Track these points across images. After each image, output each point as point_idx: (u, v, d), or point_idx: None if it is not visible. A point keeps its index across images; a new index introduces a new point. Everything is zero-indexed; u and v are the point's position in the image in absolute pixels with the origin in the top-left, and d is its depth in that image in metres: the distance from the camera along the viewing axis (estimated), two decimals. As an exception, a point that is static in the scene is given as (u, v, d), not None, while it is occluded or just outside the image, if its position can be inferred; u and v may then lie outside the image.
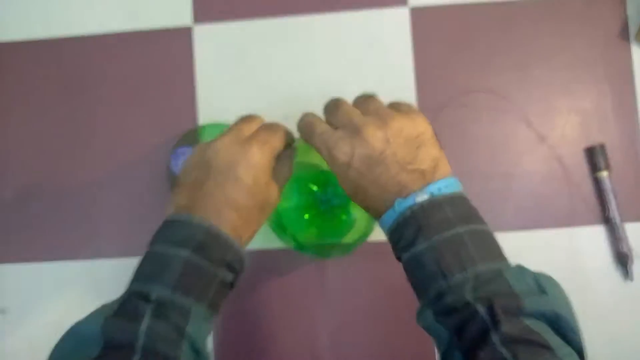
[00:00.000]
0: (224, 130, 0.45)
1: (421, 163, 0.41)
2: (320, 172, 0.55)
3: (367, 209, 0.43)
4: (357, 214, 0.54)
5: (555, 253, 0.60)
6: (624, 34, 0.61)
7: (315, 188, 0.56)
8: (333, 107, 0.45)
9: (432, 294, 0.38)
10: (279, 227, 0.54)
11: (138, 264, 0.41)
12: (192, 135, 0.60)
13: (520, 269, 0.39)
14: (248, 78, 0.62)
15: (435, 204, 0.39)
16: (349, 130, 0.42)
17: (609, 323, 0.59)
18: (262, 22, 0.62)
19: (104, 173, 0.62)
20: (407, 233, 0.39)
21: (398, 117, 0.42)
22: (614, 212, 0.59)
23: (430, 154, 0.42)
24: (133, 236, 0.61)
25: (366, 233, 0.55)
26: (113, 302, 0.40)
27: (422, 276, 0.39)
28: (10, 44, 0.63)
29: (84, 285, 0.61)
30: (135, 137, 0.62)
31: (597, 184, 0.60)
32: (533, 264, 0.59)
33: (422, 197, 0.39)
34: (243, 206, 0.42)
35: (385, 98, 0.61)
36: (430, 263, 0.38)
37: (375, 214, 0.42)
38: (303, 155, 0.50)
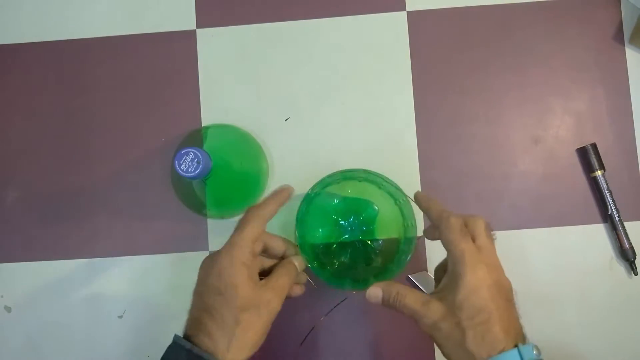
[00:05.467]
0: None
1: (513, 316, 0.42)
2: (339, 201, 0.56)
3: (453, 351, 0.41)
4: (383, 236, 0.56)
5: (554, 252, 0.60)
6: (619, 37, 0.62)
7: (336, 217, 0.57)
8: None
9: None
10: (317, 263, 0.55)
11: None
12: (195, 136, 0.61)
13: None
14: (250, 81, 0.63)
15: None
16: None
17: (609, 322, 0.60)
18: (264, 27, 0.63)
19: (106, 173, 0.63)
20: None
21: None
22: (614, 209, 0.59)
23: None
24: (135, 236, 0.62)
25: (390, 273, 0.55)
26: None
27: None
28: (17, 45, 0.64)
29: (86, 284, 0.62)
30: (139, 138, 0.63)
31: (594, 183, 0.60)
32: (533, 264, 0.60)
33: (530, 352, 0.39)
34: (213, 307, 0.43)
35: (382, 101, 0.62)
36: None
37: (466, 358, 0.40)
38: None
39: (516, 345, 0.39)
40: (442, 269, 0.47)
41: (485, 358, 0.39)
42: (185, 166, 0.49)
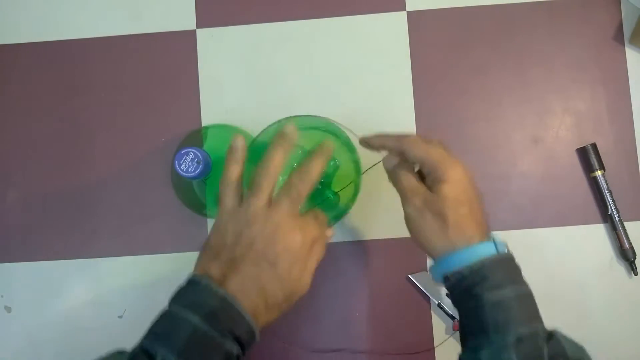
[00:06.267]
0: (278, 192, 0.43)
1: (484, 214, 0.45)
2: (301, 153, 0.53)
3: (434, 237, 0.44)
4: (341, 192, 0.54)
5: (555, 252, 0.60)
6: (619, 37, 0.62)
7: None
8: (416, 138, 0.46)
9: (512, 338, 0.40)
10: None
11: (154, 320, 0.41)
12: (195, 136, 0.61)
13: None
14: (250, 81, 0.63)
15: (510, 257, 0.44)
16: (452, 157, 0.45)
17: (609, 322, 0.60)
18: (264, 27, 0.63)
19: (107, 173, 0.63)
20: (495, 276, 0.42)
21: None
22: (614, 209, 0.59)
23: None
24: (135, 236, 0.62)
25: (346, 210, 0.55)
26: (125, 353, 0.40)
27: (503, 318, 0.41)
28: (17, 45, 0.64)
29: (86, 284, 0.62)
30: (139, 138, 0.63)
31: (594, 183, 0.60)
32: (533, 264, 0.60)
33: (502, 246, 0.43)
34: (271, 295, 0.41)
35: (382, 101, 0.62)
36: (515, 307, 0.41)
37: (445, 246, 0.44)
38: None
39: (491, 239, 0.44)
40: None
41: (463, 246, 0.43)
42: (186, 166, 0.49)
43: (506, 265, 0.43)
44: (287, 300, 0.43)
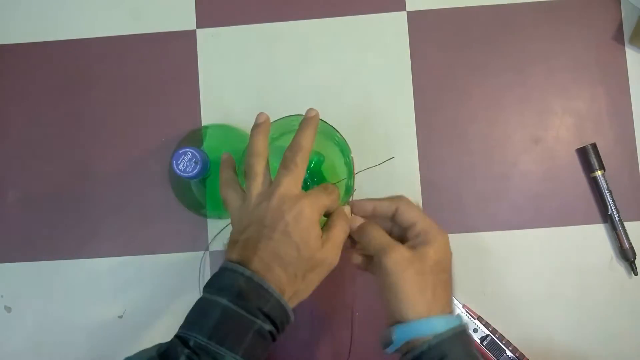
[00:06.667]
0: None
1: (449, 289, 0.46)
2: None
3: (411, 297, 0.43)
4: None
5: (554, 252, 0.60)
6: (619, 37, 0.62)
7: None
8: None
9: None
10: None
11: (190, 309, 0.42)
12: (194, 136, 0.61)
13: None
14: (250, 81, 0.63)
15: (463, 331, 0.43)
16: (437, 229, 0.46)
17: (609, 322, 0.60)
18: (264, 27, 0.63)
19: (106, 173, 0.63)
20: (453, 351, 0.41)
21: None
22: (614, 209, 0.59)
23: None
24: (135, 236, 0.62)
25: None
26: (163, 344, 0.41)
27: None
28: (17, 45, 0.64)
29: (86, 284, 0.62)
30: (139, 138, 0.63)
31: (594, 183, 0.60)
32: (533, 264, 0.60)
33: (461, 320, 0.43)
34: (289, 262, 0.42)
35: (382, 100, 0.62)
36: None
37: (420, 310, 0.43)
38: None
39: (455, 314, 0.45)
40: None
41: (438, 314, 0.43)
42: (183, 166, 0.49)
43: (463, 339, 0.43)
44: (311, 270, 0.43)
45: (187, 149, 0.49)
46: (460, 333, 0.43)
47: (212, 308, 0.40)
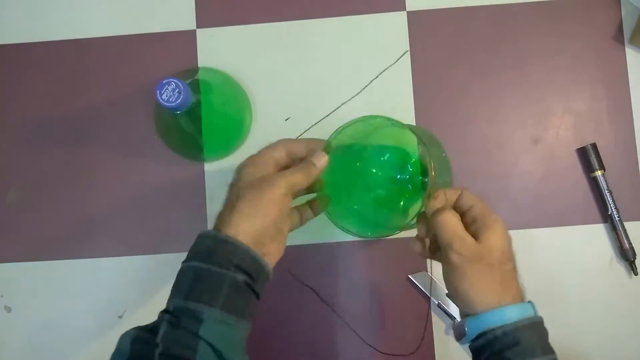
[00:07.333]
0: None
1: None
2: (361, 148, 0.52)
3: (481, 290, 0.43)
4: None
5: (555, 252, 0.60)
6: (619, 37, 0.62)
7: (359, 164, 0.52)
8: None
9: None
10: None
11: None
12: (188, 74, 0.60)
13: None
14: (250, 81, 0.63)
15: (540, 323, 0.43)
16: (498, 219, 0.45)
17: (609, 322, 0.60)
18: (264, 27, 0.63)
19: (106, 174, 0.63)
20: (527, 340, 0.41)
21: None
22: (614, 209, 0.59)
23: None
24: (135, 236, 0.62)
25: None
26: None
27: None
28: (17, 45, 0.64)
29: (86, 284, 0.62)
30: (139, 137, 0.63)
31: (594, 183, 0.60)
32: (533, 264, 0.60)
33: (536, 311, 0.43)
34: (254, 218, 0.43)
35: (382, 100, 0.62)
36: None
37: (491, 301, 0.43)
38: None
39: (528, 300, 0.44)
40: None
41: (509, 303, 0.42)
42: (167, 95, 0.50)
43: (538, 330, 0.43)
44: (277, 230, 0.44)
45: (171, 79, 0.50)
46: (537, 324, 0.43)
47: (187, 272, 0.42)
